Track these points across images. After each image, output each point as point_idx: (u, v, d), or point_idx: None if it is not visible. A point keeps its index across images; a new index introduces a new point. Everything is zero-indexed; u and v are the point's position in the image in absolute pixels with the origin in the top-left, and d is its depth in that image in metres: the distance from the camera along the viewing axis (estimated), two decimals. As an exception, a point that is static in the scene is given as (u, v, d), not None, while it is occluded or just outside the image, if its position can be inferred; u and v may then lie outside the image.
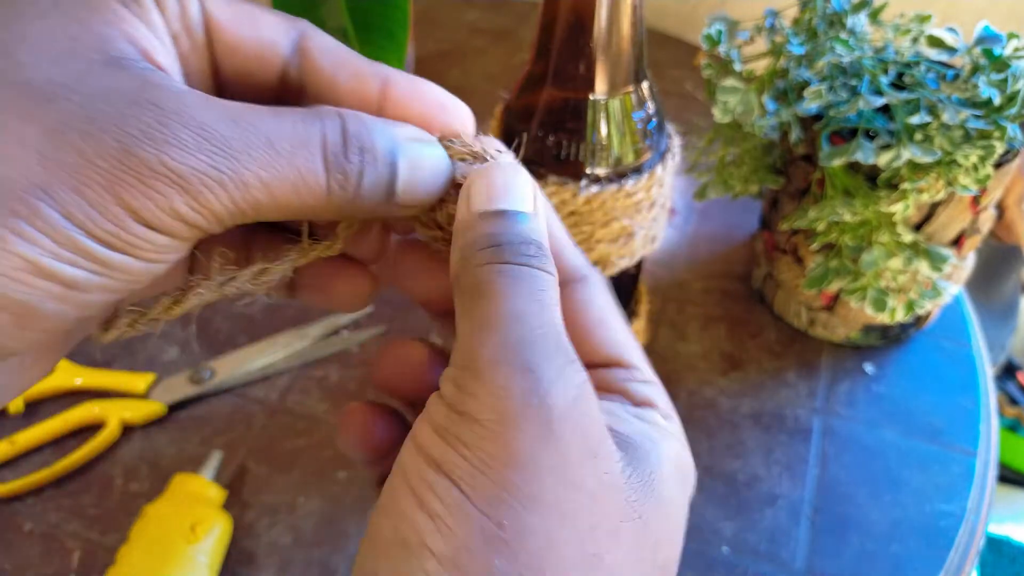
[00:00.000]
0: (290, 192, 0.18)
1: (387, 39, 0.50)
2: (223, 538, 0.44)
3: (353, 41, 0.50)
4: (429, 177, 0.20)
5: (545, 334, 0.18)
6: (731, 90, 0.46)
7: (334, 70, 0.21)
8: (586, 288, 0.22)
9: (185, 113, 0.17)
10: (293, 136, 0.18)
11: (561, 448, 0.17)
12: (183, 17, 0.19)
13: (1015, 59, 0.42)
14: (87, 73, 0.17)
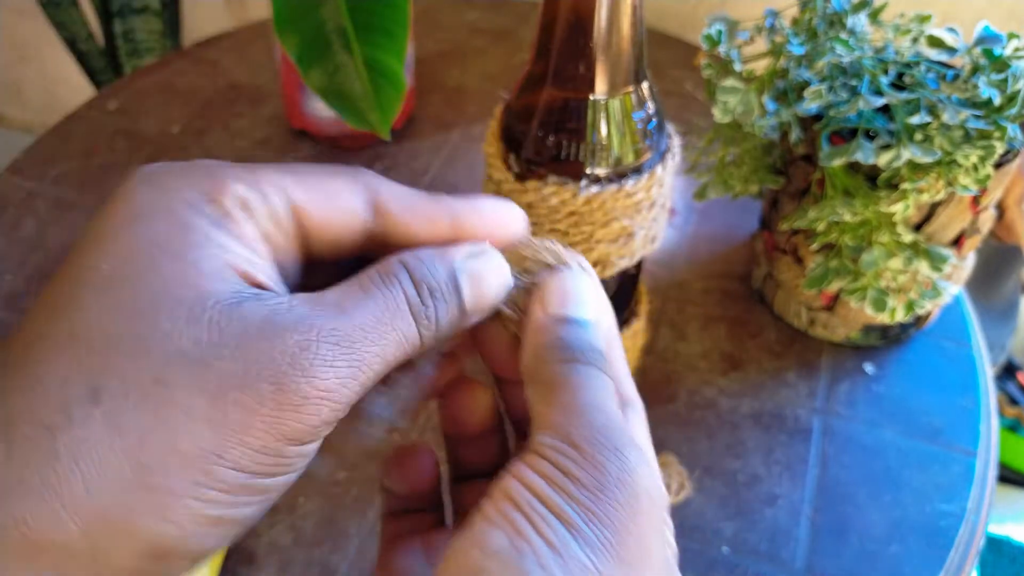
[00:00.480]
0: (396, 352, 0.20)
1: (387, 39, 0.50)
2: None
3: (353, 41, 0.50)
4: (491, 286, 0.22)
5: (621, 425, 0.20)
6: (731, 90, 0.46)
7: (408, 220, 0.23)
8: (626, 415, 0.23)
9: (313, 328, 0.19)
10: (386, 307, 0.20)
11: (642, 519, 0.19)
12: (271, 215, 0.21)
13: (1015, 59, 0.42)
14: (219, 326, 0.18)
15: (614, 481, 0.19)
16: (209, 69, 0.78)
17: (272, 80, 0.76)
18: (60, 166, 0.67)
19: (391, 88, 0.50)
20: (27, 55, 1.36)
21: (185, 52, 0.80)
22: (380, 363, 0.20)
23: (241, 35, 0.82)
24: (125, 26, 1.01)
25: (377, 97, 0.50)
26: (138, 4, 1.00)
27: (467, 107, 0.75)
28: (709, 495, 0.48)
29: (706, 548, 0.46)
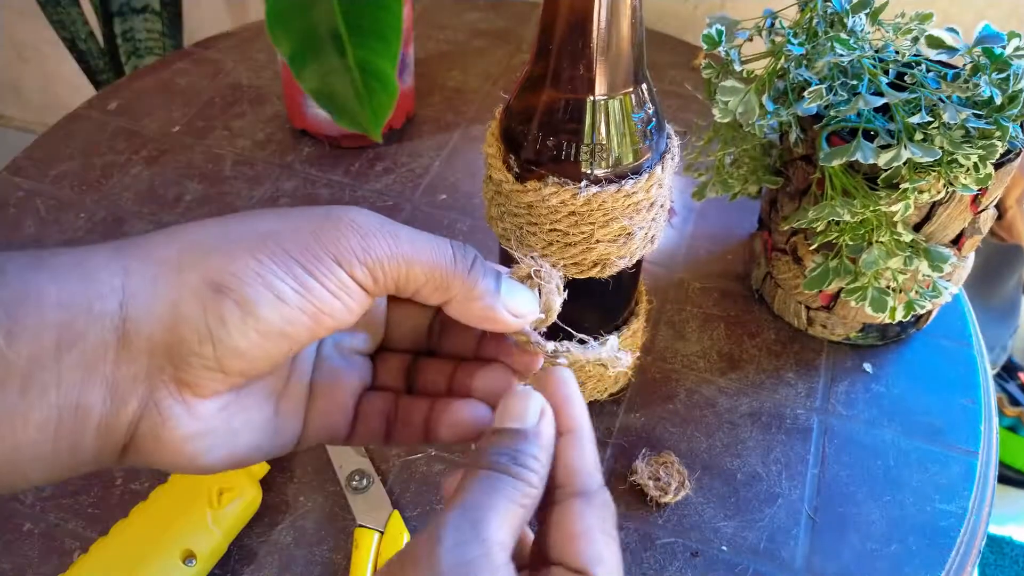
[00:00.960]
0: (428, 255, 0.27)
1: (380, 42, 0.50)
2: (246, 510, 0.44)
3: (346, 44, 0.50)
4: (524, 297, 0.29)
5: (465, 516, 0.24)
6: (731, 90, 0.46)
7: None
8: (580, 503, 0.27)
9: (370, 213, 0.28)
10: (432, 237, 0.28)
11: None
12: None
13: (1016, 58, 0.42)
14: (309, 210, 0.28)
15: (422, 557, 0.23)
16: (209, 69, 0.78)
17: (273, 80, 0.76)
18: (60, 166, 0.67)
19: (383, 91, 0.50)
20: (27, 55, 1.36)
21: (185, 52, 0.80)
22: (410, 251, 0.27)
23: (241, 35, 0.82)
24: (125, 26, 1.01)
25: (369, 100, 0.50)
26: (138, 4, 1.00)
27: (467, 107, 0.75)
28: (708, 494, 0.48)
29: (706, 547, 0.46)
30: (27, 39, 1.33)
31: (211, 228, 0.26)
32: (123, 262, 0.25)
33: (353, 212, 0.27)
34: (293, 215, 0.27)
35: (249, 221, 0.27)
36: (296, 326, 0.26)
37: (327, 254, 0.26)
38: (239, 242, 0.26)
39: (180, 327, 0.25)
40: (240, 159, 0.68)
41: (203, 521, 0.42)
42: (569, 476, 0.28)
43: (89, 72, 1.08)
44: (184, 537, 0.42)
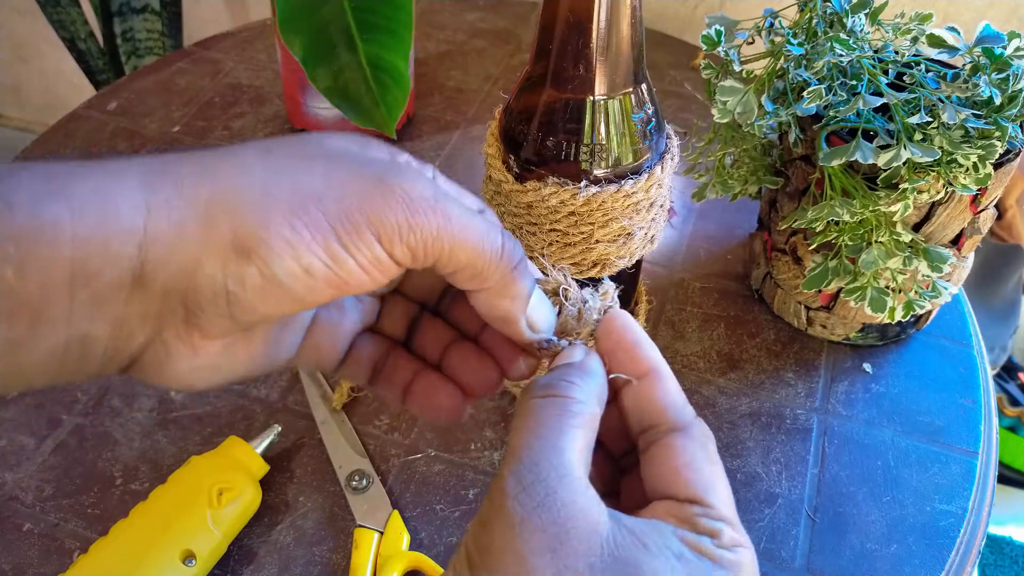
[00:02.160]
0: (475, 241, 0.25)
1: (391, 38, 0.50)
2: (246, 510, 0.44)
3: (357, 41, 0.50)
4: (543, 313, 0.29)
5: (525, 461, 0.24)
6: (730, 90, 0.46)
7: None
8: (680, 438, 0.27)
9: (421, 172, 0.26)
10: (486, 220, 0.26)
11: (520, 541, 0.23)
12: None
13: (1016, 58, 0.42)
14: (367, 148, 0.27)
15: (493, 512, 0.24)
16: (209, 69, 0.78)
17: (273, 80, 0.76)
18: (60, 166, 0.67)
19: (396, 87, 0.50)
20: (27, 55, 1.36)
21: (185, 52, 0.80)
22: (459, 234, 0.25)
23: (241, 35, 0.82)
24: (125, 26, 1.01)
25: (382, 96, 0.51)
26: (138, 4, 1.00)
27: (467, 107, 0.75)
28: (709, 495, 0.48)
29: (705, 548, 0.46)
30: (27, 39, 1.33)
31: (252, 171, 0.24)
32: (148, 197, 0.23)
33: (408, 178, 0.25)
34: (343, 169, 0.25)
35: (294, 171, 0.25)
36: (317, 295, 0.25)
37: (369, 228, 0.24)
38: (277, 200, 0.24)
39: (198, 280, 0.24)
40: (240, 159, 0.68)
41: (203, 521, 0.42)
42: (658, 414, 0.28)
43: (89, 72, 1.08)
44: (184, 537, 0.42)
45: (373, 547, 0.44)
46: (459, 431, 0.50)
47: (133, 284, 0.23)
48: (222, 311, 0.24)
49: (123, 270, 0.23)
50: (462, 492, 0.48)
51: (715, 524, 0.25)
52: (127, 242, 0.23)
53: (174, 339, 0.25)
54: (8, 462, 0.48)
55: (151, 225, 0.23)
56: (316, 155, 0.25)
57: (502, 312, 0.28)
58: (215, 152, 0.25)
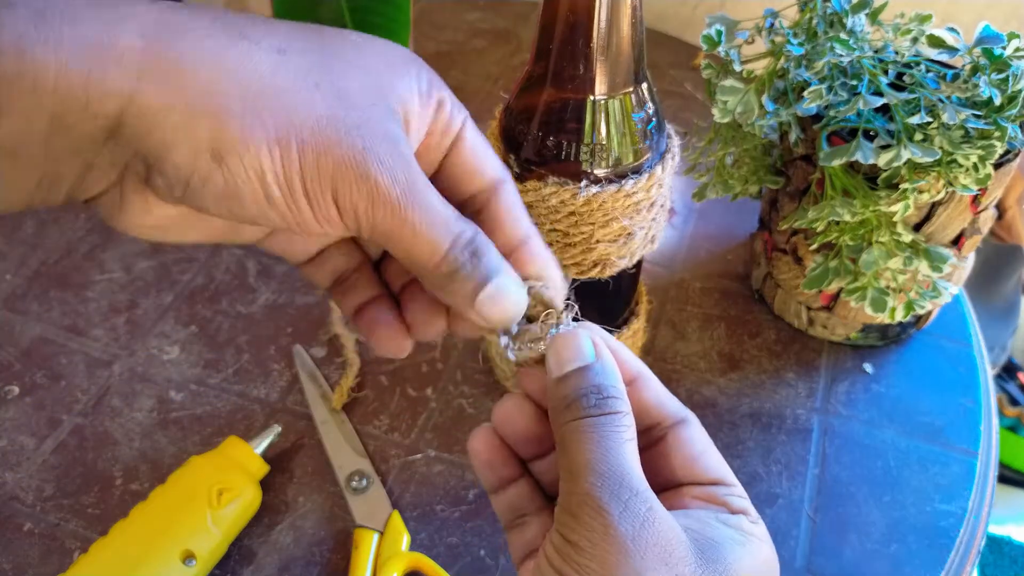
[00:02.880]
0: (420, 246, 0.26)
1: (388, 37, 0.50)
2: (246, 510, 0.44)
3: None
4: (506, 306, 0.27)
5: (611, 477, 0.25)
6: (731, 90, 0.46)
7: (503, 213, 0.29)
8: (686, 428, 0.29)
9: (407, 161, 0.25)
10: (448, 218, 0.26)
11: (636, 561, 0.24)
12: (447, 125, 0.28)
13: (1015, 59, 0.42)
14: (372, 106, 0.25)
15: (599, 537, 0.24)
16: (209, 69, 0.77)
17: (272, 80, 0.76)
18: (60, 166, 0.67)
19: (391, 88, 0.50)
20: (27, 55, 1.36)
21: (185, 52, 0.80)
22: (409, 231, 0.25)
23: (241, 35, 0.82)
24: (125, 26, 1.01)
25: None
26: (138, 4, 1.00)
27: (467, 107, 0.75)
28: (709, 495, 0.48)
29: (706, 548, 0.46)
30: (27, 39, 1.33)
31: (254, 79, 0.24)
32: (140, 62, 0.22)
33: (386, 173, 0.25)
34: (335, 126, 0.24)
35: (294, 99, 0.24)
36: (269, 221, 0.25)
37: (332, 193, 0.25)
38: (264, 123, 0.24)
39: (166, 164, 0.24)
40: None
41: (203, 521, 0.42)
42: (659, 412, 0.29)
43: (89, 72, 1.08)
44: (184, 537, 0.42)
45: (373, 547, 0.44)
46: (459, 431, 0.50)
47: (106, 140, 0.23)
48: (177, 194, 0.24)
49: (99, 128, 0.23)
50: (462, 492, 0.48)
51: (743, 503, 0.28)
52: (109, 104, 0.22)
53: (131, 192, 0.25)
54: (8, 462, 0.48)
55: (137, 97, 0.23)
56: (327, 88, 0.25)
57: (445, 302, 0.28)
58: (227, 33, 0.24)
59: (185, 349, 0.54)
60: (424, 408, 0.52)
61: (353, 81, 0.25)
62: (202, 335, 0.55)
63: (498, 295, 0.27)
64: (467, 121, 0.29)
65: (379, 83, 0.26)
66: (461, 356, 0.54)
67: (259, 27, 0.25)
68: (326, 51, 0.26)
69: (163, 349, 0.54)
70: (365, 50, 0.26)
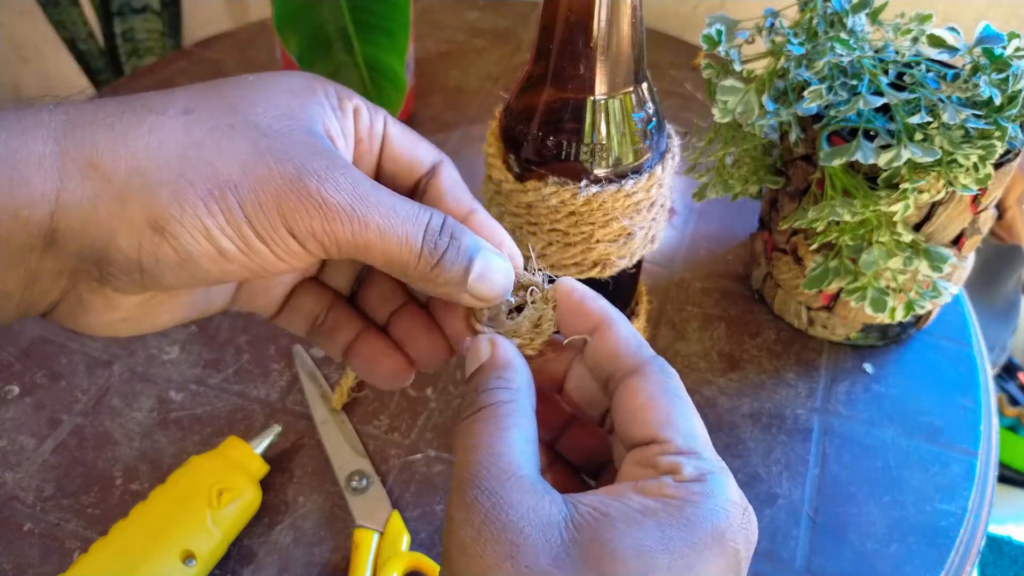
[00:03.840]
0: (393, 244, 0.25)
1: (388, 38, 0.50)
2: (245, 510, 0.44)
3: (353, 40, 0.50)
4: (497, 279, 0.27)
5: (461, 480, 0.23)
6: (731, 90, 0.46)
7: (444, 192, 0.29)
8: (639, 378, 0.26)
9: (345, 168, 0.25)
10: (410, 210, 0.25)
11: (475, 562, 0.22)
12: (369, 128, 0.28)
13: (1016, 59, 0.42)
14: (292, 130, 0.25)
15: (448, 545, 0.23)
16: (209, 69, 0.78)
17: (272, 80, 0.76)
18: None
19: (392, 88, 0.50)
20: (27, 55, 1.36)
21: (185, 52, 0.80)
22: (376, 236, 0.25)
23: (241, 35, 0.82)
24: (125, 26, 1.01)
25: (378, 96, 0.51)
26: (138, 4, 1.00)
27: (467, 107, 0.75)
28: (709, 495, 0.48)
29: (706, 548, 0.46)
30: (27, 39, 1.33)
31: (170, 146, 0.24)
32: (60, 166, 0.23)
33: (327, 182, 0.24)
34: (263, 161, 0.24)
35: (214, 149, 0.24)
36: (232, 275, 0.25)
37: (283, 224, 0.24)
38: (195, 181, 0.23)
39: (111, 253, 0.23)
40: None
41: (203, 521, 0.42)
42: (613, 362, 0.27)
43: (89, 72, 1.08)
44: (184, 537, 0.42)
45: (373, 547, 0.44)
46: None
47: (44, 247, 0.23)
48: (136, 279, 0.24)
49: (33, 235, 0.23)
50: (462, 492, 0.48)
51: (673, 459, 0.24)
52: (38, 210, 0.23)
53: (88, 293, 0.25)
54: (8, 462, 0.48)
55: (64, 196, 0.23)
56: (242, 127, 0.25)
57: (436, 295, 0.28)
58: (134, 112, 0.24)
59: (185, 349, 0.54)
60: (424, 408, 0.52)
61: (265, 115, 0.25)
62: (202, 335, 0.55)
63: (487, 270, 0.27)
64: (387, 118, 0.29)
65: (290, 109, 0.26)
66: (461, 356, 0.54)
67: (161, 98, 0.25)
68: (229, 97, 0.25)
69: (163, 349, 0.54)
70: (266, 84, 0.26)
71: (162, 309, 0.27)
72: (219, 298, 0.29)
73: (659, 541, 0.22)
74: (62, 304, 0.25)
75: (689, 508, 0.23)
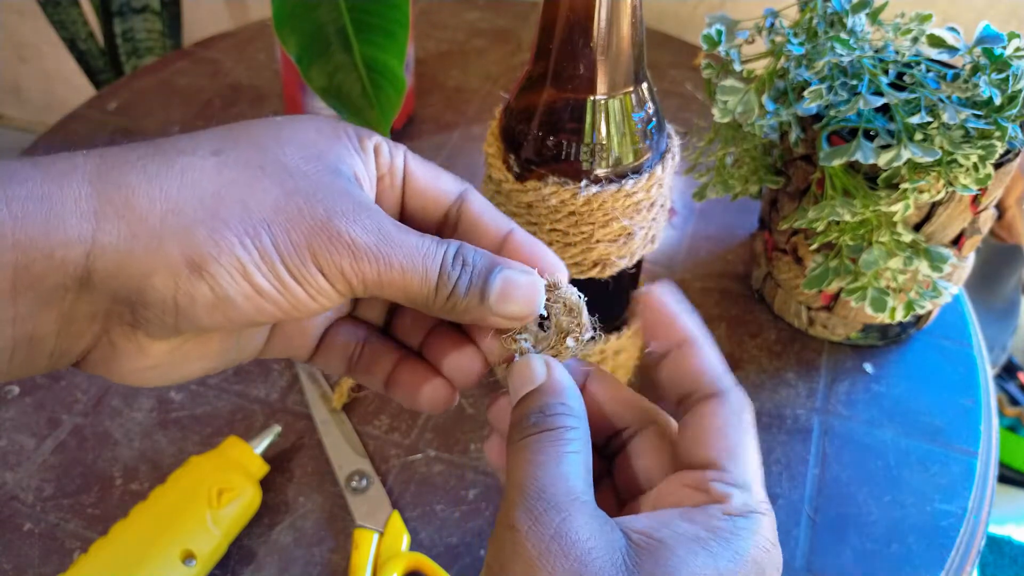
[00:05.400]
0: (414, 282, 0.26)
1: (387, 39, 0.50)
2: (245, 510, 0.44)
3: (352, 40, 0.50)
4: (521, 295, 0.27)
5: (529, 492, 0.24)
6: (731, 90, 0.46)
7: (479, 216, 0.30)
8: (718, 404, 0.27)
9: (370, 209, 0.26)
10: (428, 247, 0.26)
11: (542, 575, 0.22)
12: (391, 166, 0.29)
13: (1015, 59, 0.42)
14: (319, 172, 0.26)
15: (507, 556, 0.23)
16: (209, 69, 0.78)
17: (272, 80, 0.76)
18: (60, 166, 0.67)
19: (391, 88, 0.50)
20: (27, 55, 1.36)
21: (185, 52, 0.80)
22: (398, 274, 0.26)
23: (241, 35, 0.82)
24: (125, 26, 1.01)
25: (376, 97, 0.50)
26: (138, 4, 1.00)
27: (467, 107, 0.75)
28: (709, 495, 0.48)
29: (706, 548, 0.46)
30: (27, 39, 1.33)
31: (203, 186, 0.24)
32: (96, 207, 0.23)
33: (356, 226, 0.25)
34: (294, 201, 0.25)
35: (246, 188, 0.25)
36: (266, 315, 0.25)
37: (313, 262, 0.25)
38: (228, 221, 0.24)
39: (147, 294, 0.24)
40: (240, 159, 0.68)
41: (203, 521, 0.42)
42: (694, 381, 0.27)
43: (89, 72, 1.08)
44: (184, 537, 0.42)
45: (373, 547, 0.44)
46: (459, 431, 0.50)
47: (80, 288, 0.23)
48: (169, 321, 0.24)
49: (68, 276, 0.23)
50: (462, 492, 0.48)
51: (724, 488, 0.25)
52: (73, 250, 0.23)
53: (121, 339, 0.25)
54: (8, 462, 0.48)
55: (100, 236, 0.23)
56: (271, 168, 0.25)
57: (467, 322, 0.28)
58: (164, 154, 0.25)
59: (185, 349, 0.54)
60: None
61: (293, 156, 0.26)
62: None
63: (507, 286, 0.27)
64: (407, 154, 0.30)
65: (317, 150, 0.26)
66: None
67: (189, 141, 0.25)
68: (257, 139, 0.26)
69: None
70: (293, 126, 0.27)
71: (193, 356, 0.27)
72: (250, 345, 0.29)
73: (714, 570, 0.23)
74: (94, 351, 0.25)
75: (736, 542, 0.24)
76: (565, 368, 0.28)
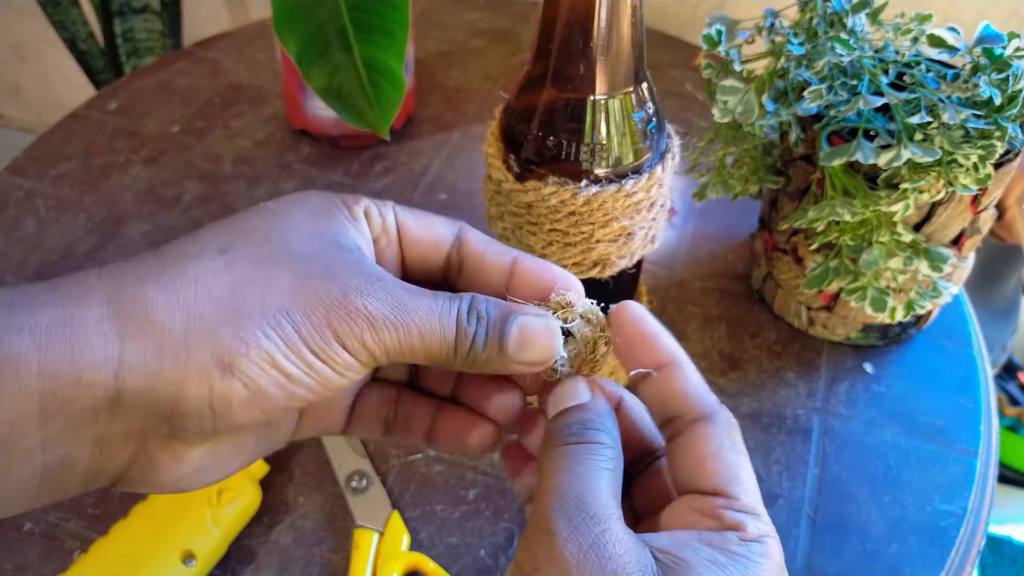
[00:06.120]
0: (433, 341, 0.26)
1: (386, 39, 0.50)
2: (245, 510, 0.44)
3: (352, 41, 0.50)
4: (539, 341, 0.27)
5: (569, 500, 0.24)
6: (731, 90, 0.46)
7: (482, 252, 0.30)
8: (707, 426, 0.27)
9: (382, 279, 0.26)
10: (441, 306, 0.26)
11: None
12: (383, 225, 0.29)
13: (1016, 59, 0.42)
14: (324, 251, 0.26)
15: (542, 561, 0.24)
16: (209, 69, 0.78)
17: (272, 80, 0.76)
18: (60, 166, 0.67)
19: (390, 88, 0.50)
20: (27, 55, 1.36)
21: (185, 52, 0.80)
22: (417, 338, 0.26)
23: (241, 35, 0.82)
24: (125, 26, 1.01)
25: (376, 96, 0.50)
26: (138, 4, 1.00)
27: (467, 107, 0.75)
28: (709, 495, 0.48)
29: (706, 548, 0.46)
30: (27, 39, 1.33)
31: (219, 290, 0.25)
32: (119, 326, 0.23)
33: (371, 299, 0.25)
34: (307, 285, 0.25)
35: (259, 283, 0.25)
36: (298, 399, 0.25)
37: (336, 339, 0.25)
38: (250, 316, 0.24)
39: (182, 403, 0.24)
40: (240, 159, 0.68)
41: (203, 521, 0.42)
42: (681, 404, 0.28)
43: (89, 72, 1.08)
44: (184, 537, 0.42)
45: (373, 547, 0.44)
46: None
47: (112, 408, 0.23)
48: (207, 426, 0.25)
49: (98, 398, 0.23)
50: (462, 493, 0.48)
51: (739, 517, 0.26)
52: (101, 372, 0.23)
53: (157, 451, 0.25)
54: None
55: (126, 356, 0.23)
56: (279, 256, 0.26)
57: (491, 374, 0.29)
58: (175, 262, 0.25)
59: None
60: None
61: (296, 240, 0.26)
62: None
63: (523, 334, 0.27)
64: (395, 208, 0.30)
65: (317, 230, 0.27)
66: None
67: (192, 244, 0.26)
68: (258, 229, 0.27)
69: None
70: (287, 210, 0.28)
71: (230, 454, 0.27)
72: (283, 432, 0.30)
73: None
74: (131, 469, 0.25)
75: (753, 568, 0.25)
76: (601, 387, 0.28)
